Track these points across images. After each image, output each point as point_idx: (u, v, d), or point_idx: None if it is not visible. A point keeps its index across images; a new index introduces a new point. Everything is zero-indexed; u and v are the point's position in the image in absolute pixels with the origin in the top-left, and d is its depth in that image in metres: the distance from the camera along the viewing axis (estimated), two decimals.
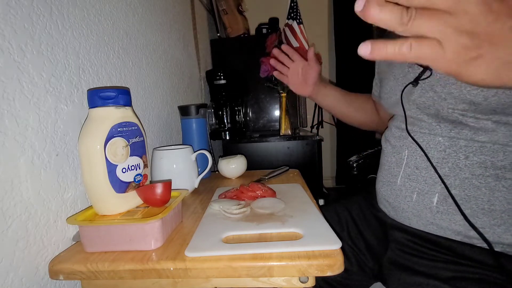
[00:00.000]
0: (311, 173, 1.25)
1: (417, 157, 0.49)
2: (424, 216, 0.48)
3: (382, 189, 0.58)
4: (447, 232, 0.46)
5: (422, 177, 0.48)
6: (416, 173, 0.49)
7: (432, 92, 0.46)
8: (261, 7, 2.43)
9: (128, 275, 0.38)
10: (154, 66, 0.82)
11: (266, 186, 0.62)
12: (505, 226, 0.42)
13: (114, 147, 0.44)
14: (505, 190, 0.41)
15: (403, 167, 0.51)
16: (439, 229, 0.47)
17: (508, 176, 0.41)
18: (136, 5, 0.73)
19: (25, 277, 0.38)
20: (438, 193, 0.46)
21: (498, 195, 0.41)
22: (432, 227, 0.48)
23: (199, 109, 0.80)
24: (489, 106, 0.39)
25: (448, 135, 0.45)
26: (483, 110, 0.40)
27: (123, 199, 0.45)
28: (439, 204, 0.46)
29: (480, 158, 0.42)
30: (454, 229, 0.45)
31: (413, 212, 0.50)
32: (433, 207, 0.47)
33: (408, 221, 0.51)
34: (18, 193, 0.38)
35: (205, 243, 0.41)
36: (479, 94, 0.39)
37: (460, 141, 0.44)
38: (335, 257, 0.36)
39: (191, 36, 1.21)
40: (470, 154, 0.43)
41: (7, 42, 0.37)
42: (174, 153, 0.64)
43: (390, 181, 0.55)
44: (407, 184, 0.51)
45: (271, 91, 1.47)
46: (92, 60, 0.54)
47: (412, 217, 0.50)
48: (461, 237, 0.45)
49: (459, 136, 0.44)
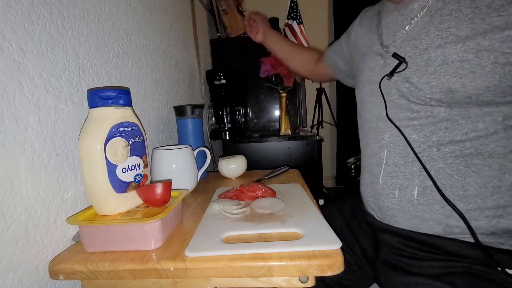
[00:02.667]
0: (311, 173, 1.25)
1: (396, 155, 0.51)
2: (408, 210, 0.50)
3: (366, 191, 0.59)
4: (429, 223, 0.48)
5: (401, 173, 0.50)
6: (396, 170, 0.51)
7: (408, 83, 0.48)
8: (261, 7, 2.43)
9: (128, 275, 0.38)
10: (154, 66, 0.82)
11: (266, 186, 0.62)
12: (479, 210, 0.44)
13: (114, 147, 0.44)
14: (475, 175, 0.43)
15: (383, 166, 0.53)
16: (422, 221, 0.49)
17: (476, 161, 0.43)
18: (136, 5, 0.73)
19: (25, 277, 0.38)
20: (417, 186, 0.48)
21: (470, 180, 0.44)
22: (416, 220, 0.49)
23: (195, 109, 0.80)
24: (466, 93, 0.41)
25: (422, 132, 0.47)
26: (459, 98, 0.42)
27: (123, 199, 0.45)
28: (419, 196, 0.48)
29: (450, 148, 0.45)
30: (435, 218, 0.47)
31: (397, 208, 0.51)
32: (414, 200, 0.49)
33: (394, 219, 0.53)
34: (18, 193, 0.38)
35: (205, 243, 0.41)
36: (457, 82, 0.42)
37: (432, 136, 0.46)
38: (335, 257, 0.36)
39: (191, 36, 1.21)
40: (441, 146, 0.45)
41: (7, 42, 0.37)
42: (174, 153, 0.64)
43: (372, 182, 0.57)
44: (388, 181, 0.53)
45: (271, 91, 1.47)
46: (92, 60, 0.54)
47: (397, 214, 0.52)
48: (442, 227, 0.47)
49: (431, 132, 0.46)
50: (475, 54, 0.40)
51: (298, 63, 0.90)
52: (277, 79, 1.27)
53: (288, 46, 0.90)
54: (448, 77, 0.42)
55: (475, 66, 0.40)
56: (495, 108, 0.41)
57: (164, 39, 0.91)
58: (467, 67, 0.41)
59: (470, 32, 0.40)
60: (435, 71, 0.44)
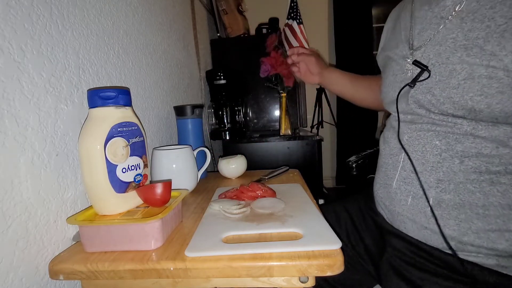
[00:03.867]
0: (311, 173, 1.25)
1: (414, 161, 0.48)
2: (419, 220, 0.47)
3: (379, 191, 0.57)
4: (441, 238, 0.44)
5: (417, 180, 0.47)
6: (412, 177, 0.48)
7: (430, 95, 0.44)
8: (261, 7, 2.43)
9: (128, 275, 0.38)
10: (154, 66, 0.82)
11: (266, 186, 0.62)
12: (499, 232, 0.41)
13: (114, 147, 0.44)
14: (500, 195, 0.40)
15: (399, 170, 0.50)
16: (433, 234, 0.46)
17: (503, 180, 0.39)
18: (136, 5, 0.73)
19: (25, 277, 0.38)
20: (433, 198, 0.45)
21: (493, 200, 0.40)
22: (427, 232, 0.47)
23: (195, 109, 0.80)
24: (491, 114, 0.37)
25: (445, 139, 0.43)
26: (484, 117, 0.38)
27: (123, 199, 0.45)
28: (434, 209, 0.45)
29: (475, 163, 0.41)
30: (447, 234, 0.44)
31: (408, 216, 0.49)
32: (428, 212, 0.45)
33: (403, 225, 0.51)
34: (18, 193, 0.38)
35: (205, 243, 0.41)
36: (482, 101, 0.37)
37: (457, 145, 0.42)
38: (335, 257, 0.36)
39: (191, 36, 1.21)
40: (465, 159, 0.41)
41: (7, 42, 0.37)
42: (174, 153, 0.64)
43: (386, 184, 0.54)
44: (402, 187, 0.50)
45: (271, 91, 1.47)
46: (92, 60, 0.54)
47: (407, 221, 0.49)
48: (455, 243, 0.43)
49: (456, 141, 0.42)
50: (506, 72, 0.35)
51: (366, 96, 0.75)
52: (277, 79, 1.27)
53: (348, 80, 0.76)
54: (472, 95, 0.38)
55: (505, 86, 0.35)
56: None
57: (164, 39, 0.91)
58: (495, 86, 0.36)
59: (497, 48, 0.35)
60: (458, 85, 0.39)
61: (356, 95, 0.77)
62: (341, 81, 0.77)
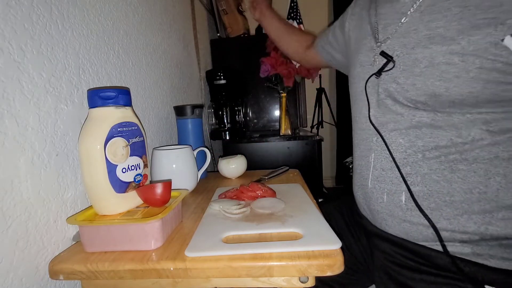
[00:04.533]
0: (311, 173, 1.25)
1: (382, 159, 0.51)
2: (397, 214, 0.49)
3: (358, 193, 0.59)
4: (419, 228, 0.47)
5: (388, 177, 0.50)
6: (383, 175, 0.51)
7: (395, 84, 0.47)
8: None
9: (128, 275, 0.38)
10: (154, 66, 0.82)
11: (266, 186, 0.62)
12: (467, 215, 0.43)
13: (114, 147, 0.44)
14: (461, 181, 0.43)
15: (371, 169, 0.53)
16: (411, 225, 0.48)
17: (461, 167, 0.42)
18: (136, 5, 0.73)
19: (25, 277, 0.38)
20: (405, 191, 0.48)
21: (456, 186, 0.43)
22: (406, 225, 0.49)
23: (195, 109, 0.80)
24: (449, 97, 0.41)
25: (407, 137, 0.47)
26: (443, 102, 0.42)
27: (123, 199, 0.45)
28: (407, 201, 0.48)
29: (435, 154, 0.44)
30: (424, 223, 0.46)
31: (386, 212, 0.51)
32: (403, 205, 0.48)
33: (385, 222, 0.52)
34: (18, 193, 0.38)
35: (205, 243, 0.41)
36: (441, 86, 0.41)
37: (418, 141, 0.46)
38: (335, 257, 0.36)
39: (191, 36, 1.21)
40: (426, 152, 0.45)
41: (7, 42, 0.37)
42: (174, 153, 0.64)
43: (363, 184, 0.56)
44: (377, 186, 0.52)
45: (271, 91, 1.47)
46: (92, 60, 0.54)
47: (387, 218, 0.51)
48: (431, 231, 0.46)
49: (417, 137, 0.46)
50: (461, 57, 0.38)
51: (289, 46, 0.87)
52: (277, 79, 1.27)
53: (283, 27, 0.87)
54: (433, 80, 0.41)
55: (461, 70, 0.39)
56: (478, 115, 0.40)
57: (164, 39, 0.91)
58: (452, 71, 0.40)
59: (457, 34, 0.39)
60: (421, 73, 0.43)
61: (283, 41, 0.88)
62: (277, 25, 0.88)
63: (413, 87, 0.44)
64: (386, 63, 0.47)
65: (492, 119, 0.40)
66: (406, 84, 0.45)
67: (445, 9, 0.40)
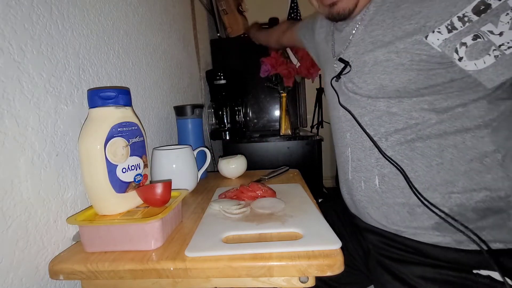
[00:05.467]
0: (311, 173, 1.25)
1: (357, 151, 0.57)
2: (375, 199, 0.54)
3: (343, 189, 0.64)
4: (395, 208, 0.52)
5: (363, 166, 0.56)
6: (359, 164, 0.57)
7: (351, 83, 0.55)
8: (261, 7, 2.43)
9: (128, 275, 0.38)
10: (154, 66, 0.82)
11: (266, 186, 0.62)
12: (432, 188, 0.48)
13: (114, 147, 0.44)
14: (420, 157, 0.49)
15: (349, 162, 0.59)
16: (389, 207, 0.53)
17: (418, 145, 0.49)
18: (136, 5, 0.73)
19: (25, 277, 0.38)
20: (377, 175, 0.54)
21: (417, 162, 0.49)
22: (384, 208, 0.53)
23: (195, 109, 0.80)
24: (394, 87, 0.49)
25: (372, 126, 0.53)
26: (390, 91, 0.49)
27: (123, 199, 0.45)
28: (381, 184, 0.53)
29: (395, 137, 0.50)
30: (398, 202, 0.51)
31: (366, 199, 0.56)
32: (378, 189, 0.54)
33: (366, 211, 0.57)
34: (18, 193, 0.38)
35: (205, 243, 0.41)
36: (386, 78, 0.49)
37: (380, 129, 0.52)
38: (335, 257, 0.36)
39: (191, 36, 1.21)
40: (388, 136, 0.51)
41: (7, 42, 0.37)
42: (174, 153, 0.64)
43: (345, 178, 0.62)
44: (356, 176, 0.58)
45: (271, 91, 1.46)
46: (92, 60, 0.54)
47: (367, 205, 0.56)
48: (407, 209, 0.50)
49: (379, 125, 0.52)
50: (396, 54, 0.47)
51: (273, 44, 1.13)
52: (277, 79, 1.27)
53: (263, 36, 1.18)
54: (379, 75, 0.50)
55: (397, 64, 0.47)
56: (421, 97, 0.47)
57: (164, 39, 0.91)
58: (391, 65, 0.48)
59: (392, 38, 0.48)
60: (369, 71, 0.51)
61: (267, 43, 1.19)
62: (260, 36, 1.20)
63: (364, 83, 0.52)
64: (344, 67, 0.57)
65: (434, 100, 0.47)
66: (359, 82, 0.53)
67: (381, 21, 0.50)
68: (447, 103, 0.46)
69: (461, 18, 0.40)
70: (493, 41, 0.39)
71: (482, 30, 0.39)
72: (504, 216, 0.45)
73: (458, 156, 0.46)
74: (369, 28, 0.52)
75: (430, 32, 0.43)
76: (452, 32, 0.41)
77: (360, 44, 0.54)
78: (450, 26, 0.41)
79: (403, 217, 0.51)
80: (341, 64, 0.57)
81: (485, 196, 0.45)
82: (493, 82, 0.41)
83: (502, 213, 0.45)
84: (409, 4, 0.46)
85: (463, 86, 0.45)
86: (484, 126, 0.45)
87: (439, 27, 0.42)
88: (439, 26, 0.42)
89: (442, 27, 0.42)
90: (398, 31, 0.47)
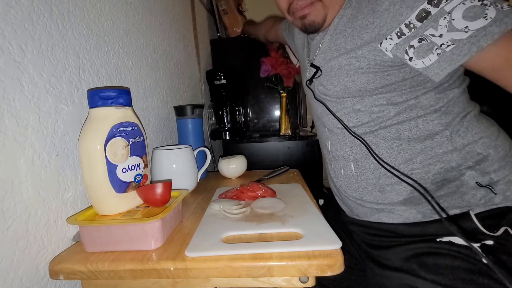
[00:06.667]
0: (311, 173, 1.25)
1: (335, 143, 0.63)
2: (352, 183, 0.61)
3: (329, 179, 0.70)
4: (368, 189, 0.58)
5: (341, 155, 0.62)
6: (338, 154, 0.63)
7: (322, 86, 0.62)
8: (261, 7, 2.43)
9: (128, 275, 0.38)
10: (154, 66, 0.82)
11: (266, 186, 0.62)
12: (396, 167, 0.54)
13: (114, 147, 0.44)
14: (382, 142, 0.56)
15: (331, 154, 0.65)
16: (363, 189, 0.59)
17: (380, 133, 0.56)
18: (136, 5, 0.73)
19: (25, 277, 0.38)
20: (352, 161, 0.60)
21: (381, 145, 0.56)
22: (360, 190, 0.60)
23: (195, 109, 0.80)
24: (356, 87, 0.55)
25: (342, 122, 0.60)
26: (354, 91, 0.56)
27: (123, 199, 0.45)
28: (356, 169, 0.60)
29: (361, 130, 0.57)
30: (370, 183, 0.58)
31: (345, 184, 0.63)
32: (354, 174, 0.60)
33: (345, 194, 0.64)
34: (18, 193, 0.38)
35: (205, 243, 0.41)
36: (349, 80, 0.56)
37: (350, 123, 0.59)
38: (335, 257, 0.36)
39: (191, 36, 1.21)
40: (355, 128, 0.58)
41: (7, 42, 0.37)
42: (174, 153, 0.64)
43: (329, 168, 0.68)
44: (336, 164, 0.64)
45: (271, 91, 1.46)
46: (92, 60, 0.54)
47: (347, 189, 0.63)
48: (378, 188, 0.57)
49: (348, 121, 0.59)
50: (356, 59, 0.54)
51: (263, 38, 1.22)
52: (277, 79, 1.27)
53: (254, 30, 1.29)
54: (343, 77, 0.57)
55: (357, 68, 0.54)
56: (380, 95, 0.54)
57: (164, 39, 0.91)
58: (353, 69, 0.55)
59: (353, 46, 0.54)
60: (335, 74, 0.58)
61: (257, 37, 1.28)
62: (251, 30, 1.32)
63: (332, 85, 0.59)
64: (315, 72, 0.63)
65: (391, 96, 0.54)
66: (327, 84, 0.60)
67: (343, 31, 0.57)
68: (402, 98, 0.53)
69: (408, 25, 0.47)
70: (435, 42, 0.45)
71: (425, 34, 0.46)
72: (458, 183, 0.51)
73: (414, 138, 0.53)
74: (334, 37, 0.59)
75: (384, 39, 0.50)
76: (401, 37, 0.48)
77: (327, 51, 0.60)
78: (399, 33, 0.48)
79: (376, 196, 0.58)
80: (313, 69, 0.64)
81: (440, 168, 0.52)
82: (439, 75, 0.47)
83: (456, 181, 0.51)
84: (364, 15, 0.53)
85: (414, 84, 0.52)
86: (434, 112, 0.52)
87: (391, 34, 0.49)
88: (390, 33, 0.49)
89: (393, 34, 0.48)
90: (358, 40, 0.54)
